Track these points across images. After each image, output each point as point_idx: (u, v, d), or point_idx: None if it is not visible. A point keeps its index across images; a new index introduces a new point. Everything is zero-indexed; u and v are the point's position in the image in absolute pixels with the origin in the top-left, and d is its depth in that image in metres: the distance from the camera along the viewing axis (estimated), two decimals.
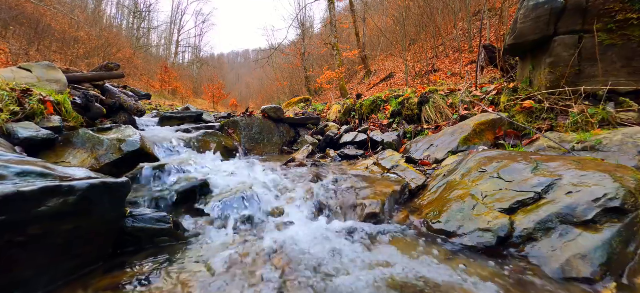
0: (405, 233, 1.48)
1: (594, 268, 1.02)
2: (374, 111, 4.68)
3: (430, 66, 9.63)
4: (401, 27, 11.20)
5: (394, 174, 2.17)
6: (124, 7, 27.52)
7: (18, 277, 0.93)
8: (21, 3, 12.91)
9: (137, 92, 6.41)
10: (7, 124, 1.88)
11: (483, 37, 7.53)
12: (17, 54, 11.56)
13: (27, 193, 0.92)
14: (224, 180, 1.96)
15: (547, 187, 1.34)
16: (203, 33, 35.73)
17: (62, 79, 3.06)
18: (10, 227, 0.89)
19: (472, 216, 1.39)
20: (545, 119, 2.47)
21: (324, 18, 24.27)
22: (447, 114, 3.48)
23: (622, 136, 1.85)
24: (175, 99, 21.44)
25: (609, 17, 2.30)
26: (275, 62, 22.62)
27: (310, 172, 2.21)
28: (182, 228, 1.45)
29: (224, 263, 1.18)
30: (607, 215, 1.14)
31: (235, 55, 59.37)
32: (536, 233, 1.20)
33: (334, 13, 14.57)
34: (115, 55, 17.82)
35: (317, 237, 1.41)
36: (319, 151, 3.55)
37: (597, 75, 2.37)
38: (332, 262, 1.19)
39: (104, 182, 1.14)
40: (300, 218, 1.64)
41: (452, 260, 1.21)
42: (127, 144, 2.08)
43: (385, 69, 13.83)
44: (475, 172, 1.70)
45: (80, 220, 1.07)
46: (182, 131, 3.34)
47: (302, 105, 9.15)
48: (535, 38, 2.58)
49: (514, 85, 3.03)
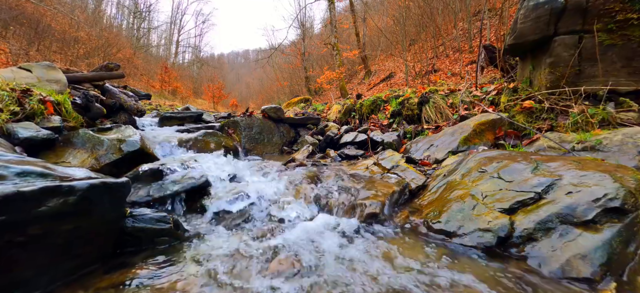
0: (405, 233, 1.48)
1: (594, 268, 1.02)
2: (374, 111, 4.68)
3: (430, 66, 9.63)
4: (401, 27, 11.20)
5: (394, 174, 2.17)
6: (124, 7, 27.54)
7: (18, 277, 0.93)
8: (21, 3, 12.91)
9: (137, 92, 6.41)
10: (7, 124, 1.88)
11: (483, 37, 7.53)
12: (17, 54, 11.56)
13: (27, 193, 0.92)
14: (224, 180, 1.96)
15: (547, 187, 1.34)
16: (203, 33, 35.80)
17: (62, 79, 3.06)
18: (10, 227, 0.89)
19: (472, 216, 1.39)
20: (545, 119, 2.47)
21: (324, 18, 24.29)
22: (447, 114, 3.48)
23: (622, 136, 1.85)
24: (175, 99, 21.44)
25: (609, 17, 2.30)
26: (275, 62, 22.61)
27: (310, 172, 2.21)
28: (182, 228, 1.45)
29: (224, 263, 1.18)
30: (607, 215, 1.14)
31: (235, 55, 59.39)
32: (536, 233, 1.20)
33: (334, 13, 14.57)
34: (115, 55, 17.82)
35: (317, 237, 1.41)
36: (319, 151, 3.54)
37: (597, 75, 2.37)
38: (332, 262, 1.19)
39: (104, 182, 1.14)
40: (300, 218, 1.64)
41: (452, 260, 1.21)
42: (127, 144, 2.08)
43: (385, 69, 13.83)
44: (475, 172, 1.71)
45: (80, 220, 1.07)
46: (182, 131, 3.34)
47: (302, 105, 9.15)
48: (535, 38, 2.58)
49: (514, 85, 3.03)
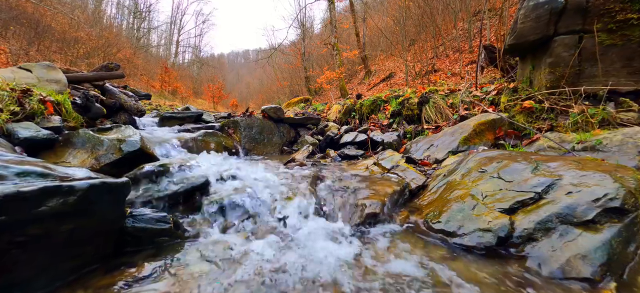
0: (405, 233, 1.48)
1: (594, 268, 1.02)
2: (374, 111, 4.68)
3: (430, 66, 9.63)
4: (401, 27, 11.18)
5: (394, 174, 2.17)
6: (124, 7, 27.51)
7: (18, 277, 0.93)
8: (21, 3, 12.90)
9: (137, 92, 6.41)
10: (7, 124, 1.88)
11: (483, 37, 7.53)
12: (17, 54, 11.55)
13: (27, 193, 0.92)
14: (224, 180, 1.95)
15: (547, 187, 1.34)
16: (203, 33, 35.68)
17: (62, 79, 3.06)
18: (10, 227, 0.89)
19: (472, 216, 1.39)
20: (545, 119, 2.47)
21: (324, 18, 24.26)
22: (447, 114, 3.48)
23: (622, 136, 1.85)
24: (175, 99, 21.42)
25: (609, 17, 2.30)
26: (275, 62, 22.59)
27: (310, 172, 2.21)
28: (182, 228, 1.45)
29: (224, 263, 1.18)
30: (607, 215, 1.14)
31: (235, 55, 59.36)
32: (536, 233, 1.20)
33: (334, 13, 14.57)
34: (115, 55, 17.80)
35: (316, 237, 1.41)
36: (319, 151, 3.54)
37: (597, 75, 2.37)
38: (332, 262, 1.19)
39: (104, 182, 1.14)
40: (300, 218, 1.64)
41: (452, 260, 1.21)
42: (127, 144, 2.08)
43: (385, 69, 13.82)
44: (475, 172, 1.70)
45: (80, 220, 1.07)
46: (182, 131, 3.34)
47: (302, 105, 9.15)
48: (535, 38, 2.58)
49: (514, 85, 3.03)
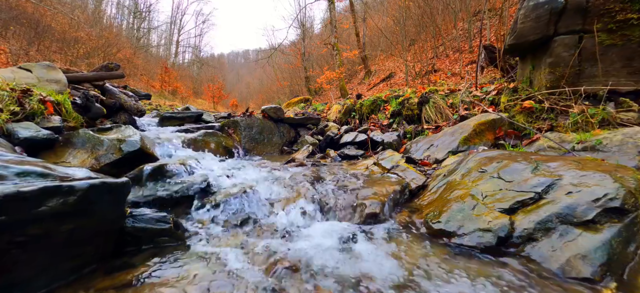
0: (405, 233, 1.48)
1: (594, 268, 1.02)
2: (374, 111, 4.68)
3: (430, 66, 9.63)
4: (401, 27, 11.18)
5: (394, 174, 2.17)
6: (124, 7, 27.51)
7: (18, 277, 0.93)
8: (21, 3, 12.89)
9: (137, 92, 6.41)
10: (7, 123, 1.88)
11: (483, 37, 7.53)
12: (17, 54, 11.54)
13: (27, 193, 0.92)
14: (224, 180, 1.95)
15: (547, 187, 1.34)
16: (203, 33, 35.68)
17: (62, 79, 3.06)
18: (10, 227, 0.89)
19: (472, 216, 1.39)
20: (545, 119, 2.47)
21: (324, 18, 24.25)
22: (447, 114, 3.48)
23: (622, 136, 1.85)
24: (175, 99, 21.42)
25: (609, 17, 2.30)
26: (275, 62, 22.58)
27: (310, 172, 2.21)
28: (182, 228, 1.45)
29: (224, 262, 1.18)
30: (607, 215, 1.14)
31: (235, 55, 59.36)
32: (536, 233, 1.20)
33: (334, 13, 14.57)
34: (115, 55, 17.79)
35: (316, 237, 1.41)
36: (319, 151, 3.54)
37: (597, 75, 2.37)
38: (331, 262, 1.19)
39: (104, 182, 1.14)
40: (300, 218, 1.64)
41: (452, 260, 1.21)
42: (127, 144, 2.08)
43: (385, 69, 13.81)
44: (475, 172, 1.70)
45: (80, 220, 1.07)
46: (182, 131, 3.34)
47: (302, 105, 9.15)
48: (535, 38, 2.58)
49: (514, 85, 3.03)
